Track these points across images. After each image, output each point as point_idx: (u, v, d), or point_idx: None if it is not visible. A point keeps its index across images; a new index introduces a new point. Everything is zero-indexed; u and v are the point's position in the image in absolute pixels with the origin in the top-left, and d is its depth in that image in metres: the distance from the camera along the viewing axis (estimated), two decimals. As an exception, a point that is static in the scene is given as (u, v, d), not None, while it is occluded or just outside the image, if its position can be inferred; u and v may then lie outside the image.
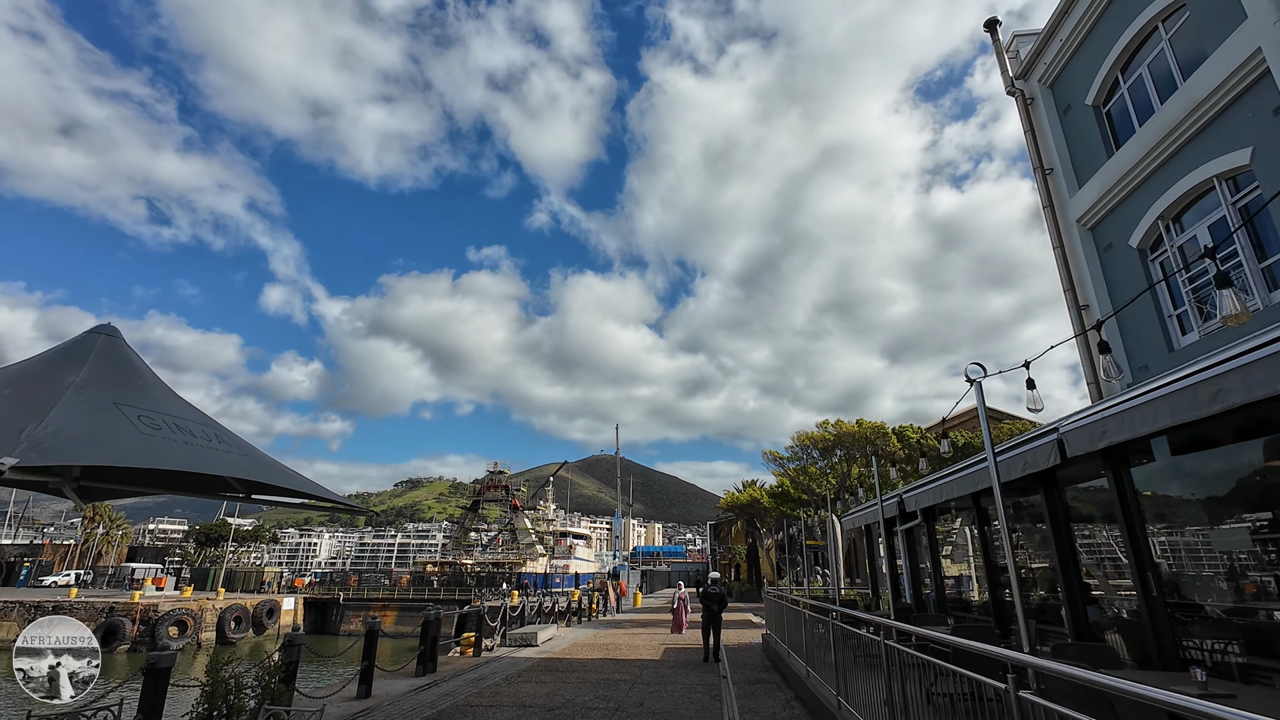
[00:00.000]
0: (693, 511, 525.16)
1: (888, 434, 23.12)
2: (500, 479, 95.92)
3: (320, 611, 60.69)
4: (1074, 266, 12.51)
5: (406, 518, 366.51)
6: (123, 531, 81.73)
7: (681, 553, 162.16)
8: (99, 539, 78.36)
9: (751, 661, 13.10)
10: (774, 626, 14.20)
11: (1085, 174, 12.40)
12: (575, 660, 13.47)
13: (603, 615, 30.81)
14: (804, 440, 25.92)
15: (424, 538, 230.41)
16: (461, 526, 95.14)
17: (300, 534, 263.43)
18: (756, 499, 36.04)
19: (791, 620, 11.00)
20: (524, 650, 15.00)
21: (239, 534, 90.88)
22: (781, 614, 12.07)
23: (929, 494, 9.54)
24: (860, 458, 24.57)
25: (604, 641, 17.58)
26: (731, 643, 17.05)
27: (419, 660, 10.97)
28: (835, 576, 16.35)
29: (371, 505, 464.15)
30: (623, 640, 18.10)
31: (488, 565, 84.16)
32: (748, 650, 15.20)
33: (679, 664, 13.07)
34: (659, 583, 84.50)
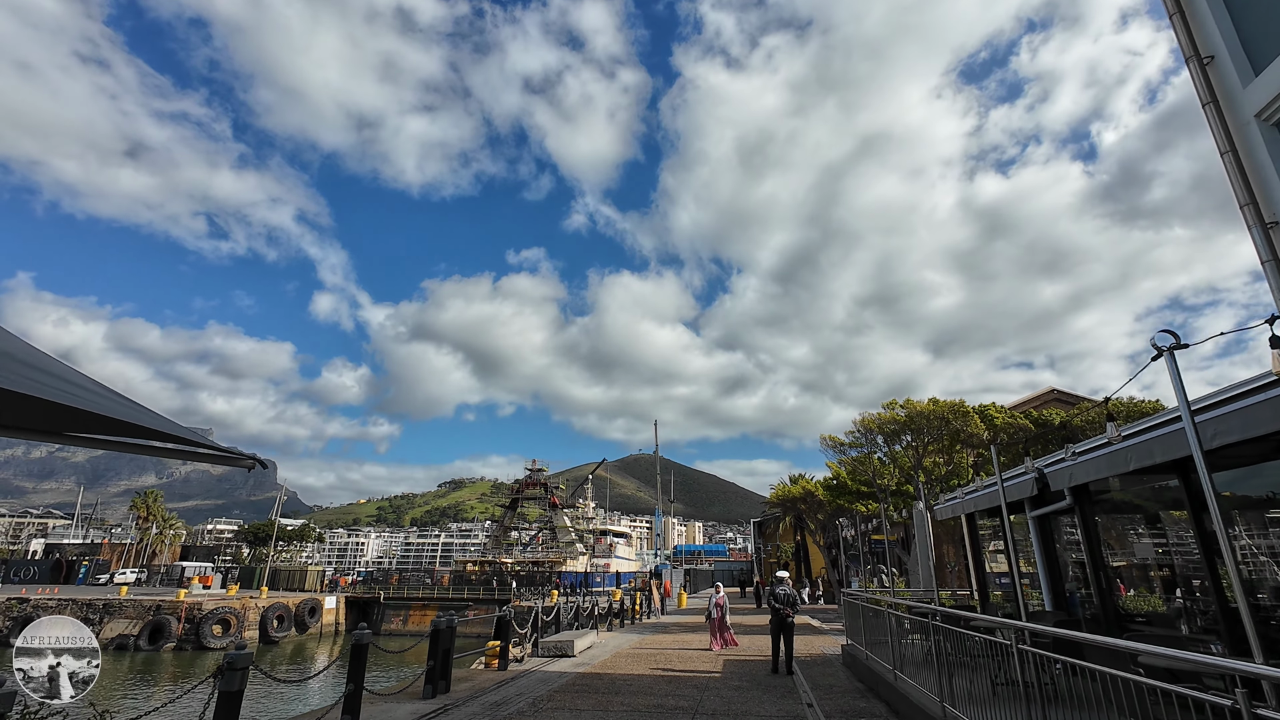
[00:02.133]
0: (733, 510, 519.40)
1: (969, 413, 20.21)
2: (539, 477, 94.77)
3: (362, 610, 60.37)
4: (1252, 174, 9.62)
5: (450, 518, 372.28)
6: (174, 531, 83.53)
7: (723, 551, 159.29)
8: (153, 539, 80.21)
9: (836, 681, 10.65)
10: (858, 636, 11.71)
11: (1263, 57, 9.51)
12: (618, 677, 11.23)
13: (646, 617, 28.60)
14: (868, 424, 23.16)
15: (466, 537, 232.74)
16: (501, 525, 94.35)
17: (349, 534, 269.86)
18: (810, 492, 33.28)
19: (897, 631, 8.55)
20: (558, 662, 12.86)
21: (286, 534, 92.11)
22: (879, 623, 9.60)
23: (1089, 466, 6.96)
24: (934, 443, 21.70)
25: (650, 650, 15.32)
26: (800, 653, 14.59)
27: (427, 678, 8.92)
28: (925, 575, 13.68)
29: (416, 505, 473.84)
30: (671, 649, 15.82)
31: (528, 564, 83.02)
32: (824, 664, 12.73)
33: (746, 681, 10.72)
34: (702, 582, 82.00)
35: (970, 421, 20.02)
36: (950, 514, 12.20)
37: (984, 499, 10.52)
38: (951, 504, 12.16)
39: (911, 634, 9.49)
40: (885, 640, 11.46)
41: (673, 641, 17.61)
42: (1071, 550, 9.01)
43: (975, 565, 11.87)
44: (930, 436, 21.57)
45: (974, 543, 12.00)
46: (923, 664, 8.94)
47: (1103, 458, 6.89)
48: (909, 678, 8.12)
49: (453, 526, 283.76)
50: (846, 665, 11.87)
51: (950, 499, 12.30)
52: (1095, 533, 8.01)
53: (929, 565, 13.61)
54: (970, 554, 12.04)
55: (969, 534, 12.03)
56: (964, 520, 12.16)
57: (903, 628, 9.16)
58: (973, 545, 11.99)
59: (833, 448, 24.50)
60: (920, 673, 8.22)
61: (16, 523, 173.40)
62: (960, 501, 11.83)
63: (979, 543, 12.05)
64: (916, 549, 13.69)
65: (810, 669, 12.12)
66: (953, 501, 12.06)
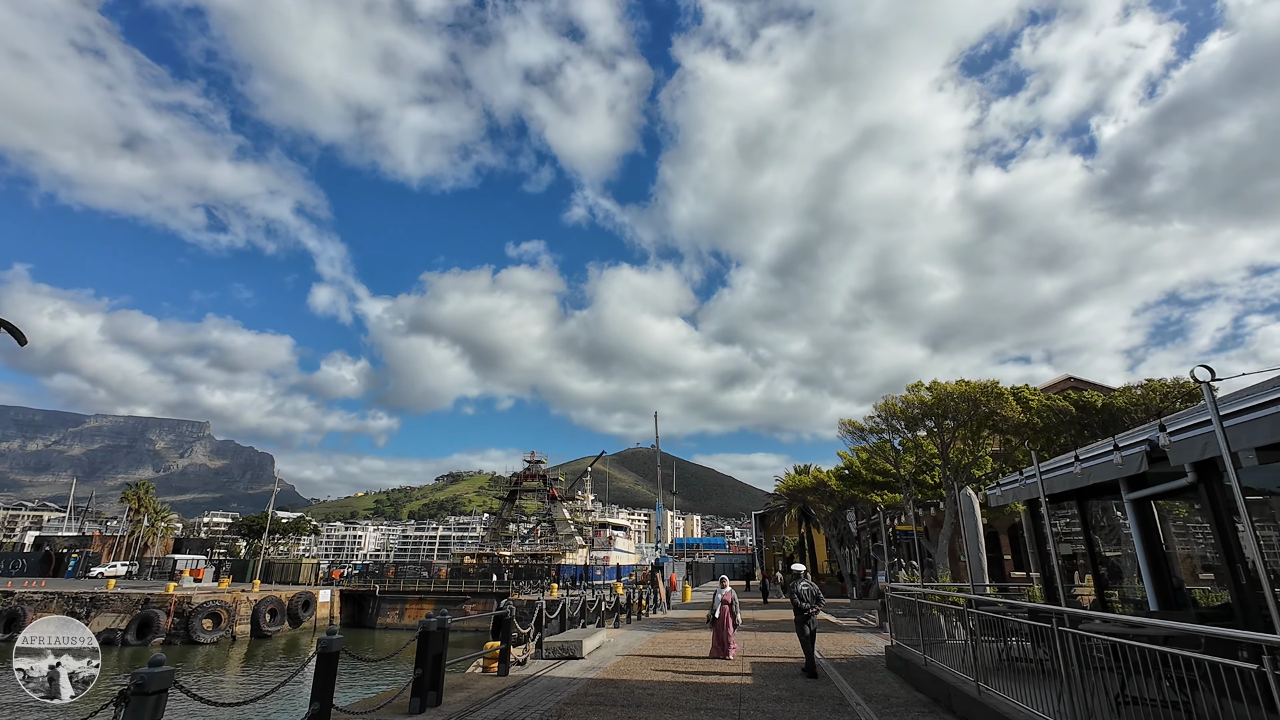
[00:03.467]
0: (730, 503, 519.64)
1: (1004, 395, 18.74)
2: (538, 469, 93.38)
3: (357, 604, 59.22)
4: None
5: (448, 511, 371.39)
6: (166, 524, 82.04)
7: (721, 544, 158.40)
8: (145, 531, 78.70)
9: (889, 690, 9.21)
10: (907, 636, 10.30)
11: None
12: (636, 684, 9.79)
13: (652, 612, 27.23)
14: (891, 408, 21.70)
15: (464, 531, 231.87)
16: (499, 518, 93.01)
17: (346, 527, 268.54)
18: (823, 481, 31.86)
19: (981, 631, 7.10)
20: (565, 666, 11.42)
21: (281, 526, 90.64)
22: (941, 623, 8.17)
23: (1250, 430, 5.49)
24: (960, 428, 20.25)
25: (666, 650, 13.90)
26: (828, 652, 13.18)
27: (414, 689, 7.46)
28: (976, 568, 12.25)
29: (414, 499, 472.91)
30: (689, 647, 14.39)
31: (526, 557, 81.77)
32: (864, 668, 11.31)
33: (784, 690, 9.30)
34: (704, 575, 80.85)
35: (1005, 403, 18.55)
36: (1005, 501, 10.75)
37: (1058, 480, 9.08)
38: (1008, 489, 10.71)
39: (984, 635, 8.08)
40: (947, 641, 10.07)
41: (688, 641, 16.19)
42: (1186, 538, 7.58)
43: (1041, 557, 10.43)
44: (957, 421, 20.12)
45: (1038, 532, 10.55)
46: (1006, 672, 7.52)
47: (1263, 421, 5.42)
48: (998, 689, 6.68)
49: (450, 520, 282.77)
50: (895, 670, 10.45)
51: (1007, 484, 10.84)
52: (1227, 516, 6.56)
53: (979, 557, 12.18)
54: (1035, 544, 10.60)
55: (1032, 522, 10.58)
56: (1024, 508, 10.71)
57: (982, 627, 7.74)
58: (1037, 535, 10.55)
59: (851, 433, 23.03)
60: (1009, 684, 6.80)
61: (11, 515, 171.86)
62: (1019, 486, 10.39)
63: (1044, 532, 10.61)
64: (964, 539, 12.26)
65: (851, 673, 10.70)
66: (1010, 487, 10.61)
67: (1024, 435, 20.75)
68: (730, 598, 13.21)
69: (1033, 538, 10.67)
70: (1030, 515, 10.66)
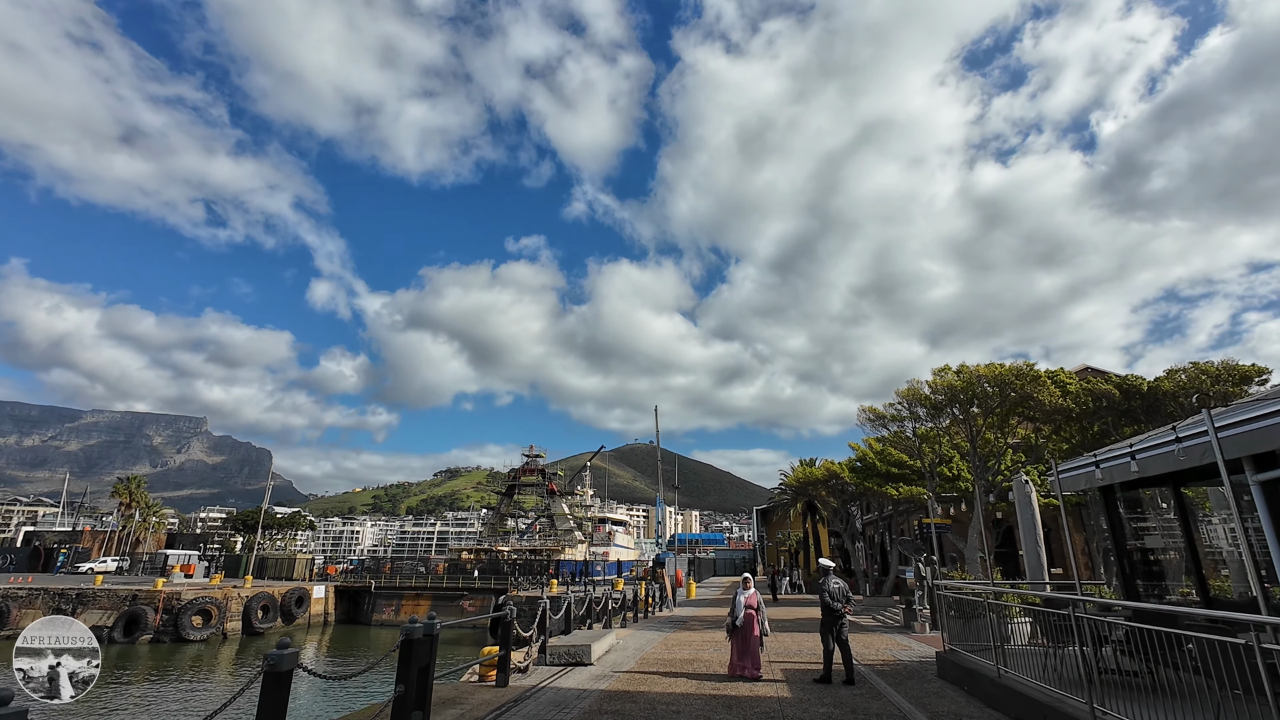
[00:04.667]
0: (728, 499, 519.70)
1: (1040, 377, 17.40)
2: (536, 463, 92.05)
3: (353, 600, 57.97)
4: None
5: (446, 506, 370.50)
6: (158, 518, 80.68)
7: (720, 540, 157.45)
8: (137, 526, 77.32)
9: (957, 708, 7.83)
10: (966, 640, 8.99)
11: None
12: (657, 698, 8.45)
13: (658, 610, 25.96)
14: (914, 393, 20.37)
15: (462, 526, 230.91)
16: (498, 513, 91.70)
17: (344, 522, 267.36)
18: (835, 473, 30.54)
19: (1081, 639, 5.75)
20: (574, 673, 10.09)
21: (275, 521, 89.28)
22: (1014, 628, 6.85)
23: None
24: (992, 415, 18.92)
25: (684, 654, 12.56)
26: (864, 657, 11.86)
27: (395, 710, 6.12)
28: (1033, 564, 10.92)
29: (411, 494, 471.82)
30: (707, 651, 13.07)
31: (525, 553, 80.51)
32: (914, 676, 9.98)
33: (829, 701, 7.97)
34: (704, 571, 79.72)
35: (1041, 387, 17.22)
36: (1078, 486, 9.41)
37: (1153, 461, 7.74)
38: (1078, 473, 9.35)
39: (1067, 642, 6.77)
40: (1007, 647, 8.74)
41: (703, 642, 14.87)
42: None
43: (1118, 549, 9.11)
44: (986, 407, 18.79)
45: (1114, 521, 9.23)
46: (1117, 689, 6.19)
47: None
48: (1121, 713, 5.35)
49: (449, 515, 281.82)
50: (953, 681, 9.12)
51: (1075, 467, 9.48)
52: None
53: (1038, 553, 10.86)
54: (1111, 534, 9.27)
55: (1106, 510, 9.25)
56: (1099, 495, 9.37)
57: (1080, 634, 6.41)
58: (1113, 524, 9.22)
59: (871, 420, 21.69)
60: (1132, 707, 5.48)
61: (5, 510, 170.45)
62: (1092, 470, 9.04)
63: (1120, 521, 9.29)
64: (1020, 532, 10.94)
65: (900, 684, 9.37)
66: (1080, 471, 9.25)
67: (1054, 423, 19.45)
68: (755, 601, 10.27)
69: (1110, 527, 9.33)
70: (1103, 503, 9.32)
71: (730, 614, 10.42)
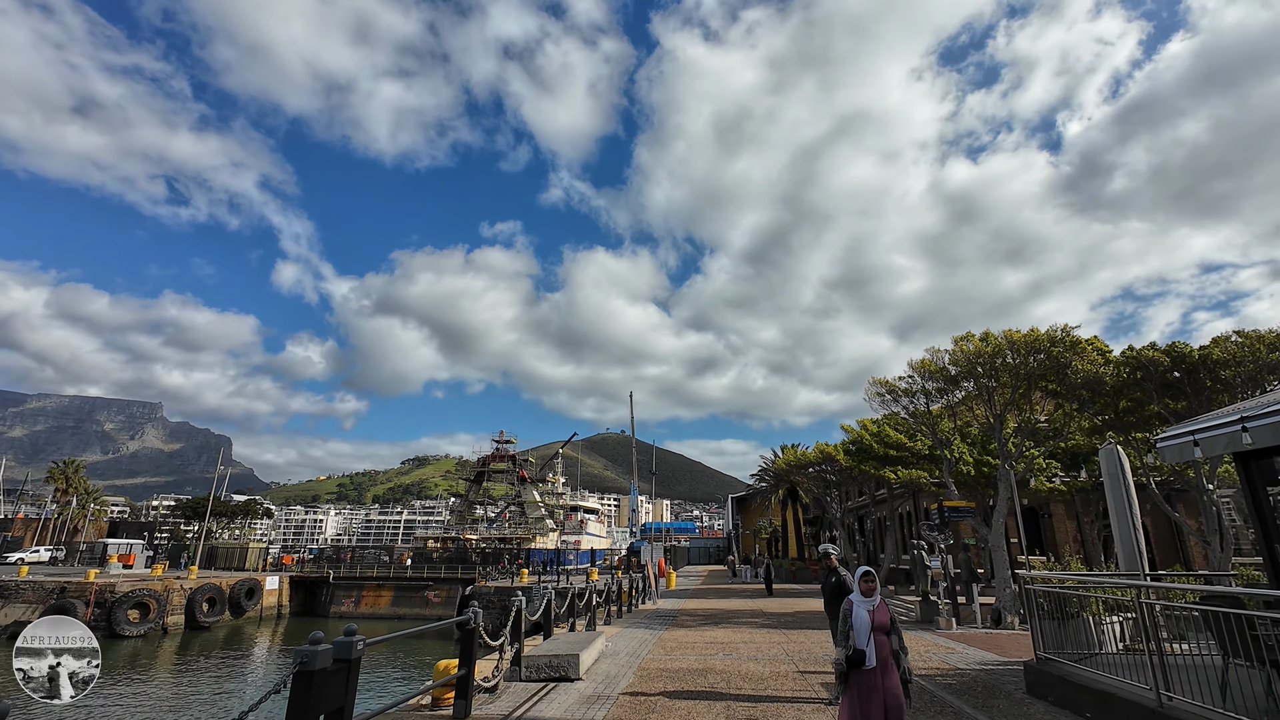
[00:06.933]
0: (699, 489, 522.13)
1: (1079, 344, 15.52)
2: (506, 450, 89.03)
3: (309, 591, 54.66)
4: None
5: (414, 495, 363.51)
6: (97, 505, 75.52)
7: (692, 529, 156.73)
8: (75, 513, 72.19)
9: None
10: (1067, 649, 6.87)
11: None
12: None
13: (642, 602, 23.74)
14: (927, 366, 18.37)
15: (430, 514, 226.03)
16: (466, 500, 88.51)
17: (306, 511, 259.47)
18: (830, 455, 28.64)
19: None
20: (558, 695, 7.72)
21: (228, 508, 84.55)
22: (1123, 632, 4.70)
23: None
24: (1018, 387, 17.01)
25: (691, 662, 10.27)
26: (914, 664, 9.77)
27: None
28: (1128, 552, 8.87)
29: (379, 482, 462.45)
30: (716, 656, 10.81)
31: (494, 541, 77.69)
32: (994, 693, 7.86)
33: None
34: (679, 559, 78.07)
35: (1082, 353, 15.34)
36: (1214, 452, 7.30)
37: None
38: (1219, 435, 7.18)
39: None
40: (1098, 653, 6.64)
41: (706, 644, 12.60)
42: None
43: (1264, 532, 7.07)
44: (1011, 378, 16.87)
45: (1256, 497, 7.16)
46: None
47: None
48: None
49: (416, 504, 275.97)
50: (1061, 703, 6.98)
51: (1220, 425, 7.32)
52: None
53: (1134, 538, 8.79)
54: (1256, 513, 7.20)
55: (1248, 483, 7.18)
56: (1237, 463, 7.30)
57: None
58: (1258, 500, 7.15)
59: (881, 395, 19.68)
60: None
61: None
62: (1237, 432, 6.90)
63: (1263, 498, 7.23)
64: (1112, 513, 8.91)
65: (986, 703, 7.22)
66: (1224, 431, 7.08)
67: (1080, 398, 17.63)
68: (887, 619, 5.53)
69: (1251, 504, 7.26)
70: (1243, 475, 7.25)
71: (841, 639, 5.44)
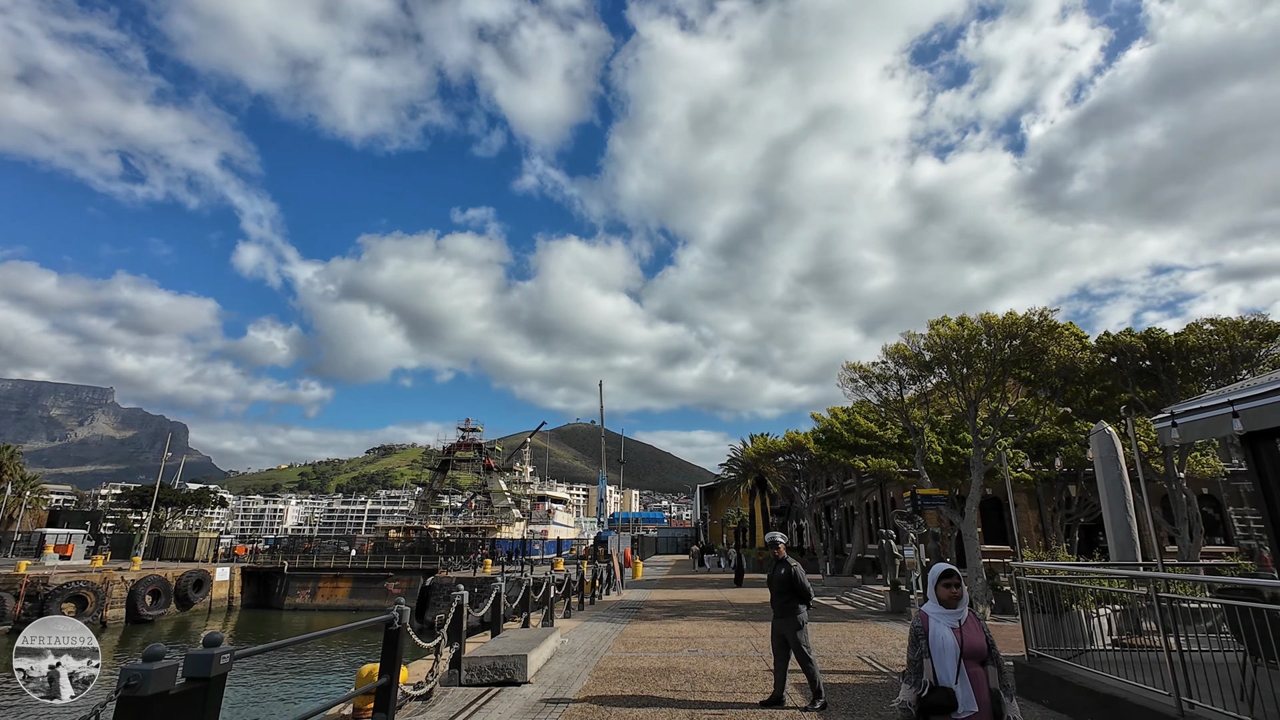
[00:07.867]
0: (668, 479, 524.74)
1: (1056, 329, 15.16)
2: (473, 438, 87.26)
3: (262, 583, 52.54)
4: None
5: (379, 485, 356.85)
6: (34, 492, 71.57)
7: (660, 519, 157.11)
8: (9, 501, 68.21)
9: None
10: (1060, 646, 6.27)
11: None
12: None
13: (606, 594, 22.96)
14: (901, 351, 17.91)
15: (395, 504, 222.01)
16: (430, 489, 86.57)
17: (266, 500, 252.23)
18: (800, 443, 28.23)
19: None
20: (500, 703, 6.84)
21: (179, 497, 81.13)
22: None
23: None
24: (994, 373, 16.65)
25: (653, 661, 9.51)
26: (887, 659, 9.15)
27: None
28: (1123, 540, 8.37)
29: (342, 471, 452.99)
30: (681, 653, 10.08)
31: (458, 531, 76.19)
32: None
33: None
34: (647, 549, 77.76)
35: (1059, 338, 15.00)
36: (1210, 434, 6.79)
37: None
38: (1211, 417, 6.68)
39: None
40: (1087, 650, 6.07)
41: (671, 639, 11.87)
42: None
43: (1273, 515, 6.57)
44: (984, 364, 16.51)
45: (1264, 482, 6.66)
46: None
47: None
48: None
49: (381, 493, 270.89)
50: (1061, 706, 6.37)
51: (1205, 407, 6.84)
52: None
53: (1129, 524, 8.29)
54: (1263, 496, 6.70)
55: (1255, 465, 6.67)
56: (1245, 444, 6.78)
57: None
58: (1265, 482, 6.65)
59: (854, 381, 19.17)
60: None
61: None
62: (1228, 411, 6.38)
63: (1268, 475, 6.73)
64: (1103, 496, 8.44)
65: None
66: (1218, 412, 6.56)
67: (1051, 386, 17.40)
68: (981, 639, 3.62)
69: (1260, 487, 6.75)
70: (1251, 456, 6.73)
71: (912, 673, 3.70)
